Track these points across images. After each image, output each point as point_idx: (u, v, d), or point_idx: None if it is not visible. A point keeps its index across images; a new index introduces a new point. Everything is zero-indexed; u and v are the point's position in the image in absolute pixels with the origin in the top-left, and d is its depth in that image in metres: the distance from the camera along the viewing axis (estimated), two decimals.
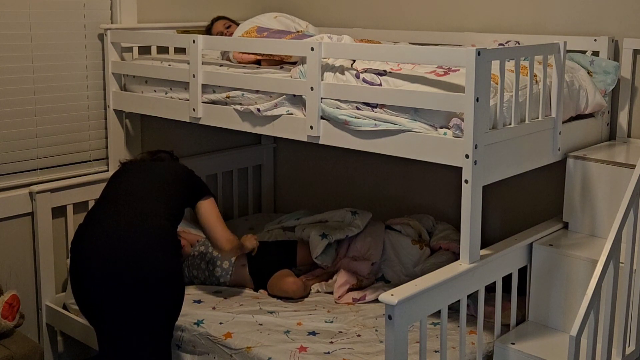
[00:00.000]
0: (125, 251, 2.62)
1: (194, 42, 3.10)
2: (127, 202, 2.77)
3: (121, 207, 2.75)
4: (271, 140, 4.34)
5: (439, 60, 2.45)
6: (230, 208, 4.23)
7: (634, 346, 2.49)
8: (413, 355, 2.35)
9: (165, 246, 2.69)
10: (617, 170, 2.63)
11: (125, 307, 2.63)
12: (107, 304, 2.64)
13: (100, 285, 2.63)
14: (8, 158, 3.40)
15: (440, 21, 3.56)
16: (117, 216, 2.71)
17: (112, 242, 2.64)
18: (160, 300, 2.66)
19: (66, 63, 3.52)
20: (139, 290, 2.61)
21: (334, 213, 3.57)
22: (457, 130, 2.34)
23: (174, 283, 2.70)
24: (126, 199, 2.79)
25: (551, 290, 2.62)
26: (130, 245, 2.63)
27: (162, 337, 2.74)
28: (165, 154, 3.18)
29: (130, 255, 2.62)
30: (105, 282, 2.62)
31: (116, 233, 2.66)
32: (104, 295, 2.63)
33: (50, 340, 3.56)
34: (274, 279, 3.27)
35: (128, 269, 2.60)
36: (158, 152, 3.21)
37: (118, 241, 2.64)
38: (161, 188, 2.86)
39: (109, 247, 2.64)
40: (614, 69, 2.93)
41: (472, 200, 2.30)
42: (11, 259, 3.45)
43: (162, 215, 2.75)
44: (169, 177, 2.93)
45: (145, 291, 2.62)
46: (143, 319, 2.66)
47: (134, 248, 2.63)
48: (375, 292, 3.16)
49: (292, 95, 2.83)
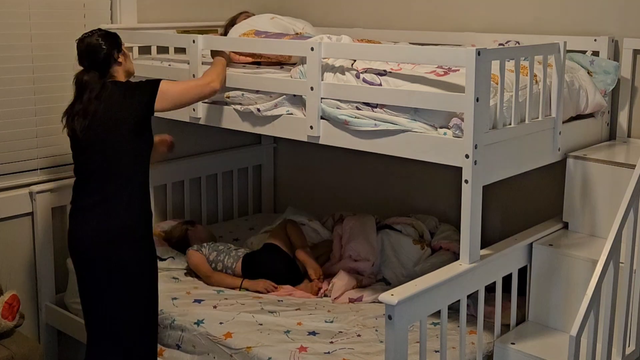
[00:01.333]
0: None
1: (194, 42, 3.10)
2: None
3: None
4: (271, 140, 4.34)
5: (439, 60, 2.45)
6: (230, 208, 4.23)
7: (634, 346, 2.49)
8: (413, 355, 2.34)
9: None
10: (617, 170, 2.63)
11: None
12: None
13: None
14: (8, 158, 3.40)
15: (440, 21, 3.56)
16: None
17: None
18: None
19: (66, 63, 3.52)
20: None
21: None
22: (457, 130, 2.34)
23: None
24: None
25: (551, 290, 2.62)
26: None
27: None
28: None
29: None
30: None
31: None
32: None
33: (50, 340, 3.56)
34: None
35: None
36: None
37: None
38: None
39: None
40: (614, 69, 2.93)
41: (472, 200, 2.30)
42: (11, 259, 3.45)
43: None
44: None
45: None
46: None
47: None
48: (373, 294, 3.16)
49: (292, 95, 2.83)
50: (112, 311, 2.77)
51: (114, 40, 2.80)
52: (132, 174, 2.75)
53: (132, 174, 2.75)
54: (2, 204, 3.37)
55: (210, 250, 3.44)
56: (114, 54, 2.78)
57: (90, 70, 2.75)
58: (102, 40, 2.76)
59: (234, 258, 3.38)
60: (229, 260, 3.38)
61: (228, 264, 3.38)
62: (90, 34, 2.79)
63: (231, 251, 3.44)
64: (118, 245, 2.72)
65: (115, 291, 2.75)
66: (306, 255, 3.39)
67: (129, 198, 2.73)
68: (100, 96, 2.70)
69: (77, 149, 2.77)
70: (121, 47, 2.83)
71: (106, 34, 2.80)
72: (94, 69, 2.75)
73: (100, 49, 2.74)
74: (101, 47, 2.75)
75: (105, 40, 2.77)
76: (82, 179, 2.79)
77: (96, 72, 2.74)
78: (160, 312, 3.04)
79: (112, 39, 2.79)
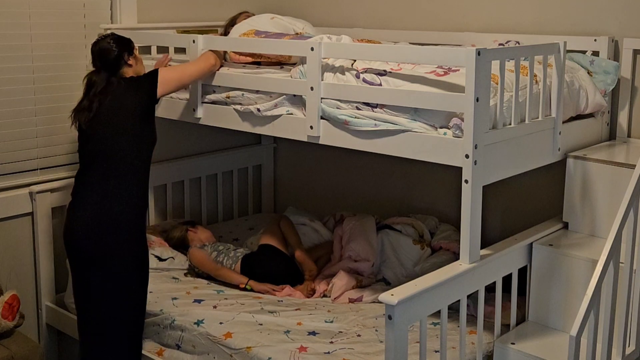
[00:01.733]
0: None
1: (194, 42, 3.10)
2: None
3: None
4: (271, 140, 4.34)
5: (439, 60, 2.45)
6: (230, 208, 4.23)
7: (634, 346, 2.49)
8: (413, 355, 2.34)
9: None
10: (617, 170, 2.63)
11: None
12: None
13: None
14: (8, 158, 3.40)
15: (440, 21, 3.56)
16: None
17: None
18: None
19: (66, 63, 3.52)
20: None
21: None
22: (457, 130, 2.34)
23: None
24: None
25: (551, 290, 2.62)
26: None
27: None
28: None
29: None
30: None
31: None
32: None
33: (50, 340, 3.56)
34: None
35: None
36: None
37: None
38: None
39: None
40: (614, 69, 2.93)
41: (472, 200, 2.30)
42: (11, 259, 3.45)
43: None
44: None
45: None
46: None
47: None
48: (373, 294, 3.16)
49: (292, 95, 2.83)
50: (102, 303, 2.86)
51: (126, 44, 2.96)
52: (132, 163, 2.87)
53: (133, 163, 2.87)
54: (2, 204, 3.37)
55: (211, 250, 3.45)
56: (125, 56, 2.93)
57: (100, 71, 2.90)
58: (113, 42, 2.92)
59: (233, 259, 3.39)
60: (228, 261, 3.39)
61: (227, 264, 3.38)
62: (103, 37, 2.95)
63: (230, 252, 3.44)
64: (113, 232, 2.83)
65: (108, 281, 2.84)
66: (303, 256, 3.40)
67: (127, 186, 2.85)
68: (104, 91, 2.85)
69: (82, 140, 2.91)
70: (133, 51, 2.98)
71: (119, 38, 2.96)
72: (104, 69, 2.89)
73: (112, 51, 2.90)
74: (112, 49, 2.90)
75: (117, 43, 2.92)
76: (84, 166, 2.91)
77: (106, 73, 2.89)
78: (160, 312, 3.05)
79: (124, 42, 2.96)
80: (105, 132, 2.83)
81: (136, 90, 2.88)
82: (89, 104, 2.85)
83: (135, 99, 2.87)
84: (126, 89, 2.87)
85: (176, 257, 3.53)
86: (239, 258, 3.39)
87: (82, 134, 2.89)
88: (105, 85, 2.86)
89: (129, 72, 2.94)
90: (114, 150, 2.83)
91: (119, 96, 2.85)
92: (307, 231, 3.64)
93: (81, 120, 2.85)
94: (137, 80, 2.93)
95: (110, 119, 2.84)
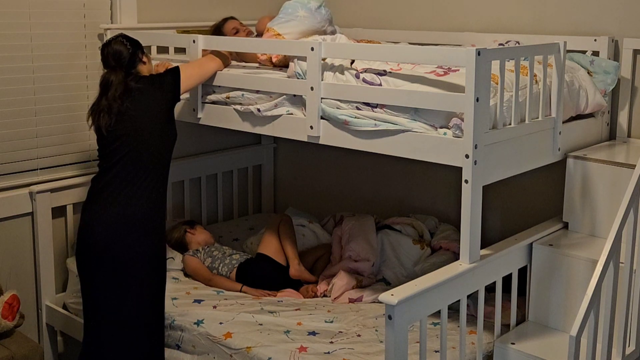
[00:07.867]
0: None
1: (194, 42, 3.10)
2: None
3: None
4: (271, 140, 4.34)
5: (439, 60, 2.45)
6: (230, 208, 4.23)
7: (634, 346, 2.49)
8: (413, 355, 2.35)
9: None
10: (617, 170, 2.63)
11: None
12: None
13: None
14: (8, 158, 3.40)
15: (440, 21, 3.56)
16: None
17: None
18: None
19: (66, 63, 3.52)
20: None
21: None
22: (457, 130, 2.34)
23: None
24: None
25: (551, 290, 2.62)
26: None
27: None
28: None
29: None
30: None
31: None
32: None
33: (50, 340, 3.56)
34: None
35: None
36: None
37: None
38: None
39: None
40: (614, 69, 2.93)
41: (472, 200, 2.30)
42: (11, 259, 3.45)
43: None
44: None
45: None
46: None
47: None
48: (373, 294, 3.16)
49: (292, 95, 2.83)
50: (122, 305, 2.80)
51: (137, 43, 2.96)
52: (156, 163, 2.86)
53: (157, 162, 2.86)
54: (2, 204, 3.37)
55: (205, 256, 3.44)
56: (139, 54, 2.92)
57: (116, 70, 2.86)
58: (126, 41, 2.92)
59: (228, 267, 3.38)
60: (223, 268, 3.38)
61: (223, 272, 3.37)
62: (114, 38, 2.94)
63: (225, 258, 3.41)
64: (137, 233, 2.80)
65: (126, 283, 2.80)
66: (298, 272, 3.35)
67: (152, 186, 2.84)
68: (125, 95, 2.81)
69: (103, 144, 2.87)
70: (143, 50, 2.98)
71: (129, 37, 2.95)
72: (120, 68, 2.86)
73: (126, 49, 2.89)
74: (126, 48, 2.89)
75: (130, 41, 2.92)
76: (106, 166, 2.85)
77: (122, 72, 2.85)
78: None
79: (135, 41, 2.96)
80: (129, 133, 2.80)
81: (161, 90, 2.88)
82: (108, 107, 2.80)
83: (161, 98, 2.87)
84: (150, 89, 2.86)
85: (176, 258, 3.53)
86: (235, 266, 3.38)
87: (103, 135, 2.84)
88: (125, 87, 2.82)
89: (144, 70, 2.94)
90: (139, 150, 2.81)
91: (142, 97, 2.84)
92: (306, 233, 3.64)
93: (102, 125, 2.81)
94: (159, 78, 2.92)
95: (135, 120, 2.80)
